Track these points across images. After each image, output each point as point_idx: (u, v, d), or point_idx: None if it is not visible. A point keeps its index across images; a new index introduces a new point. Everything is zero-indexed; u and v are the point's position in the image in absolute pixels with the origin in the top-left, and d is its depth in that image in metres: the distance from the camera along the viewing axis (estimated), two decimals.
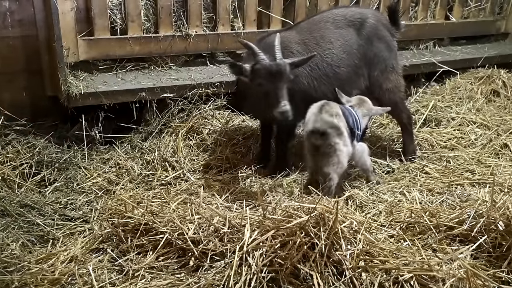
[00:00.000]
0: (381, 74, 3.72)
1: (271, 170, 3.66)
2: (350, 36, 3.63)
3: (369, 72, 3.71)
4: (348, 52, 3.60)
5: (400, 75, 3.88)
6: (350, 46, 3.61)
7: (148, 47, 4.27)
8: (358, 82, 3.68)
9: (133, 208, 2.90)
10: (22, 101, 4.05)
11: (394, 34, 3.84)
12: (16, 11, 3.85)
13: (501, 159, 3.91)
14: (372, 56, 3.69)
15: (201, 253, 2.55)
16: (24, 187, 3.39)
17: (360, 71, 3.68)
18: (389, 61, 3.76)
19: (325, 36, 3.57)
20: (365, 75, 3.71)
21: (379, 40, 3.71)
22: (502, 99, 5.04)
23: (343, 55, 3.58)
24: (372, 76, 3.71)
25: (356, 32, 3.65)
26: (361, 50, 3.64)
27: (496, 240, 2.53)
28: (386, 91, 3.75)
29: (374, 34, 3.69)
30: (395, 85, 3.80)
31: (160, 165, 3.72)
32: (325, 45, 3.56)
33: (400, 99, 3.86)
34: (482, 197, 2.93)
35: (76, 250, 2.72)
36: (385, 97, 3.72)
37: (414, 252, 2.49)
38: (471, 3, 5.90)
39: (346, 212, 2.67)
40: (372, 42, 3.67)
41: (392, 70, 3.79)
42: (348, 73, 3.61)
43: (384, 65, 3.74)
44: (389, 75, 3.76)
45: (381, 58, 3.72)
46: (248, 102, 3.58)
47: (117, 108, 4.06)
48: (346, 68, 3.59)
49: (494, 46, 6.10)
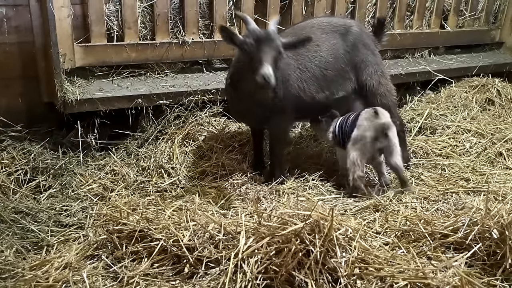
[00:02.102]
0: (370, 78, 3.76)
1: (266, 177, 3.67)
2: (336, 41, 3.69)
3: (357, 76, 3.75)
4: (335, 55, 3.66)
5: (389, 81, 3.91)
6: (336, 50, 3.67)
7: (144, 53, 4.28)
8: (344, 85, 3.73)
9: (128, 214, 2.89)
10: (18, 107, 4.04)
11: (376, 45, 3.90)
12: (12, 18, 3.86)
13: (495, 167, 3.94)
14: (359, 61, 3.74)
15: (196, 260, 2.54)
16: (19, 193, 3.38)
17: (347, 75, 3.72)
18: (377, 66, 3.81)
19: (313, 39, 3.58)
20: (352, 79, 3.75)
21: (364, 46, 3.76)
22: (497, 107, 5.08)
23: (330, 58, 3.64)
24: (361, 80, 3.76)
25: (342, 38, 3.71)
26: (348, 55, 3.70)
27: (490, 248, 2.53)
28: (378, 95, 3.78)
29: (359, 41, 3.75)
30: (387, 89, 3.84)
31: (156, 172, 3.72)
32: (313, 48, 3.59)
33: (393, 103, 3.89)
34: (476, 205, 2.93)
35: (71, 257, 2.71)
36: (377, 101, 3.74)
37: (409, 260, 2.49)
38: (466, 13, 5.95)
39: (341, 219, 2.67)
40: (358, 48, 3.73)
41: (382, 74, 3.84)
42: (335, 76, 3.66)
43: (373, 70, 3.78)
44: (380, 79, 3.80)
45: (368, 63, 3.76)
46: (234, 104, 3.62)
47: (113, 115, 4.06)
48: (333, 71, 3.64)
49: (489, 55, 6.16)
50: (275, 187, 3.48)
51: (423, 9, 5.61)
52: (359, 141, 3.34)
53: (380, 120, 3.32)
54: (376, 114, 3.34)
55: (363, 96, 3.77)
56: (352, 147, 3.37)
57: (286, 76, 3.46)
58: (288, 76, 3.47)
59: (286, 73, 3.45)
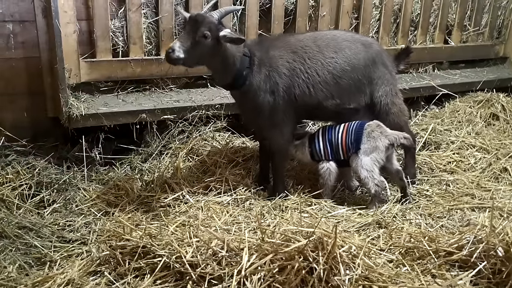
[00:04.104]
0: (386, 96, 3.73)
1: (270, 193, 3.66)
2: (358, 51, 3.64)
3: (372, 91, 3.71)
4: (353, 65, 3.60)
5: (402, 101, 3.91)
6: (357, 60, 3.61)
7: (149, 69, 4.31)
8: (358, 97, 3.68)
9: (131, 230, 2.88)
10: (23, 122, 4.08)
11: (393, 67, 3.89)
12: (19, 33, 3.91)
13: (500, 183, 3.91)
14: (376, 77, 3.70)
15: (199, 277, 2.52)
16: (23, 208, 3.39)
17: (362, 87, 3.68)
18: (392, 86, 3.79)
19: (330, 45, 3.59)
20: (367, 93, 3.70)
21: (383, 65, 3.75)
22: (501, 122, 5.05)
23: (347, 67, 3.58)
24: (376, 97, 3.72)
25: (365, 50, 3.67)
26: (367, 69, 3.65)
27: (495, 266, 2.50)
28: (392, 114, 3.76)
29: (379, 58, 3.73)
30: (400, 110, 3.83)
31: (160, 187, 3.71)
32: (329, 53, 3.56)
33: (405, 123, 3.88)
34: (481, 222, 2.91)
35: (73, 273, 2.70)
36: (390, 120, 3.73)
37: (413, 278, 2.47)
38: (469, 28, 5.98)
39: (345, 236, 2.65)
40: (376, 64, 3.70)
41: (396, 95, 3.83)
42: (350, 85, 3.61)
43: (389, 89, 3.75)
44: (394, 99, 3.79)
45: (385, 81, 3.74)
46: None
47: (118, 129, 4.08)
48: (348, 80, 3.59)
49: (493, 70, 6.16)
50: (278, 203, 3.47)
51: (427, 24, 5.63)
52: (375, 150, 3.44)
53: (388, 130, 3.50)
54: (379, 125, 3.52)
55: (375, 113, 3.73)
56: (364, 157, 3.45)
57: (287, 82, 3.45)
58: (291, 82, 3.45)
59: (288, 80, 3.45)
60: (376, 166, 3.45)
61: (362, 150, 3.46)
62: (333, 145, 3.57)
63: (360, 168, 3.45)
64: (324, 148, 3.60)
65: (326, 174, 3.57)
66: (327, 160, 3.61)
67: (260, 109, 3.43)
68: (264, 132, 3.59)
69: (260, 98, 3.40)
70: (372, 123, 3.54)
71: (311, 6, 4.89)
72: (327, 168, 3.58)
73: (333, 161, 3.60)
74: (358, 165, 3.46)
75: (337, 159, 3.59)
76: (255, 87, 3.38)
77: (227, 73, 3.33)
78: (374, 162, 3.45)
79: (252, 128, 3.68)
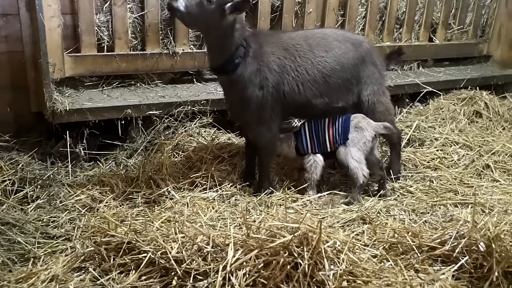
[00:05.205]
0: (373, 95, 3.75)
1: (255, 188, 3.67)
2: (347, 50, 3.65)
3: (360, 90, 3.73)
4: (342, 64, 3.61)
5: (389, 100, 3.94)
6: (346, 59, 3.63)
7: (134, 64, 4.28)
8: (346, 96, 3.70)
9: (116, 226, 2.87)
10: (6, 117, 4.02)
11: (383, 66, 3.91)
12: (2, 27, 3.85)
13: (483, 179, 3.97)
14: (365, 76, 3.72)
15: (184, 273, 2.52)
16: (6, 204, 3.34)
17: (351, 87, 3.69)
18: (380, 86, 3.82)
19: (321, 44, 3.60)
20: (355, 92, 3.72)
21: (372, 64, 3.76)
22: (485, 120, 5.12)
23: (336, 66, 3.59)
24: (363, 95, 3.74)
25: (354, 49, 3.68)
26: (356, 68, 3.67)
27: (477, 261, 2.55)
28: (378, 113, 3.78)
29: (369, 58, 3.75)
30: (386, 108, 3.85)
31: (145, 183, 3.69)
32: (319, 52, 3.57)
33: (391, 122, 3.90)
34: (464, 217, 2.95)
35: (58, 269, 2.68)
36: (376, 119, 3.74)
37: (397, 273, 2.50)
38: (454, 26, 6.04)
39: (330, 232, 2.67)
40: (366, 63, 3.72)
41: (383, 93, 3.86)
42: (338, 84, 3.63)
43: (377, 88, 3.77)
44: (381, 97, 3.81)
45: (374, 79, 3.76)
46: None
47: (102, 125, 4.05)
48: (337, 79, 3.61)
49: (477, 68, 6.23)
50: (264, 199, 3.48)
51: (412, 22, 5.67)
52: (362, 140, 3.53)
53: (372, 121, 3.63)
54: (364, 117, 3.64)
55: (362, 112, 3.73)
56: (353, 147, 3.53)
57: (277, 79, 3.45)
58: (281, 79, 3.46)
59: (277, 77, 3.45)
60: (363, 157, 3.54)
61: (350, 141, 3.53)
62: (319, 137, 3.62)
63: (350, 159, 3.51)
64: (311, 141, 3.64)
65: (313, 167, 3.61)
66: (313, 153, 3.64)
67: (248, 103, 3.43)
68: (251, 127, 3.60)
69: (249, 91, 3.40)
70: (358, 115, 3.63)
71: (297, 3, 4.88)
72: (314, 161, 3.63)
73: (320, 153, 3.64)
74: (348, 156, 3.52)
75: (323, 151, 3.64)
76: (246, 79, 3.37)
77: (221, 53, 3.31)
78: (361, 152, 3.53)
79: (238, 123, 3.67)
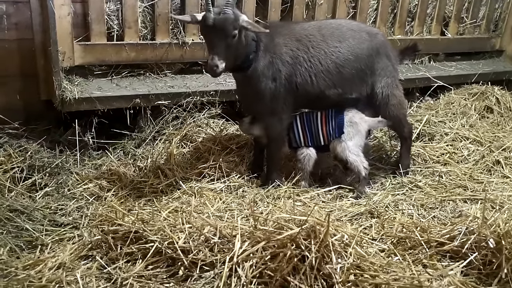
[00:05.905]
0: (387, 88, 3.70)
1: (263, 180, 3.66)
2: (362, 40, 3.61)
3: (374, 82, 3.68)
4: (357, 55, 3.56)
5: (403, 93, 3.88)
6: (360, 49, 3.58)
7: (144, 53, 4.27)
8: (360, 87, 3.66)
9: (123, 215, 2.88)
10: (16, 105, 4.02)
11: (396, 60, 3.87)
12: (12, 14, 3.85)
13: (493, 175, 3.93)
14: (379, 68, 3.67)
15: (190, 263, 2.52)
16: (15, 192, 3.37)
17: (365, 77, 3.65)
18: (394, 79, 3.77)
19: (335, 34, 3.56)
20: (369, 83, 3.67)
21: (387, 57, 3.72)
22: (496, 115, 5.07)
23: (350, 56, 3.54)
24: (377, 88, 3.69)
25: (369, 39, 3.64)
26: (370, 59, 3.62)
27: (486, 257, 2.53)
28: (391, 106, 3.74)
29: (384, 50, 3.71)
30: (399, 102, 3.81)
31: (153, 173, 3.69)
32: (333, 42, 3.53)
33: (403, 115, 3.88)
34: (473, 213, 2.93)
35: (65, 257, 2.69)
36: (389, 112, 3.72)
37: (405, 268, 2.48)
38: (467, 20, 5.95)
39: (338, 225, 2.66)
40: (380, 55, 3.67)
41: (397, 87, 3.81)
42: (352, 75, 3.58)
43: (390, 80, 3.72)
44: (394, 91, 3.76)
45: (387, 72, 3.71)
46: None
47: (111, 114, 4.05)
48: (351, 70, 3.56)
49: (489, 63, 6.15)
50: (271, 190, 3.47)
51: (424, 16, 5.60)
52: (357, 134, 3.55)
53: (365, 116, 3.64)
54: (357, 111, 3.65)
55: (374, 104, 3.71)
56: (349, 141, 3.53)
57: (289, 70, 3.42)
58: (293, 70, 3.43)
59: (290, 68, 3.42)
60: (360, 150, 3.55)
61: (345, 135, 3.52)
62: (312, 131, 3.61)
63: (348, 153, 3.52)
64: (304, 134, 3.63)
65: (306, 160, 3.61)
66: (306, 146, 3.64)
67: (262, 95, 3.41)
68: (263, 119, 3.58)
69: (262, 84, 3.38)
70: (351, 109, 3.64)
71: None
72: (307, 154, 3.62)
73: (313, 147, 3.64)
74: (345, 150, 3.52)
75: (316, 145, 3.63)
76: (259, 72, 3.35)
77: (238, 58, 3.28)
78: (358, 146, 3.54)
79: (249, 115, 3.66)
